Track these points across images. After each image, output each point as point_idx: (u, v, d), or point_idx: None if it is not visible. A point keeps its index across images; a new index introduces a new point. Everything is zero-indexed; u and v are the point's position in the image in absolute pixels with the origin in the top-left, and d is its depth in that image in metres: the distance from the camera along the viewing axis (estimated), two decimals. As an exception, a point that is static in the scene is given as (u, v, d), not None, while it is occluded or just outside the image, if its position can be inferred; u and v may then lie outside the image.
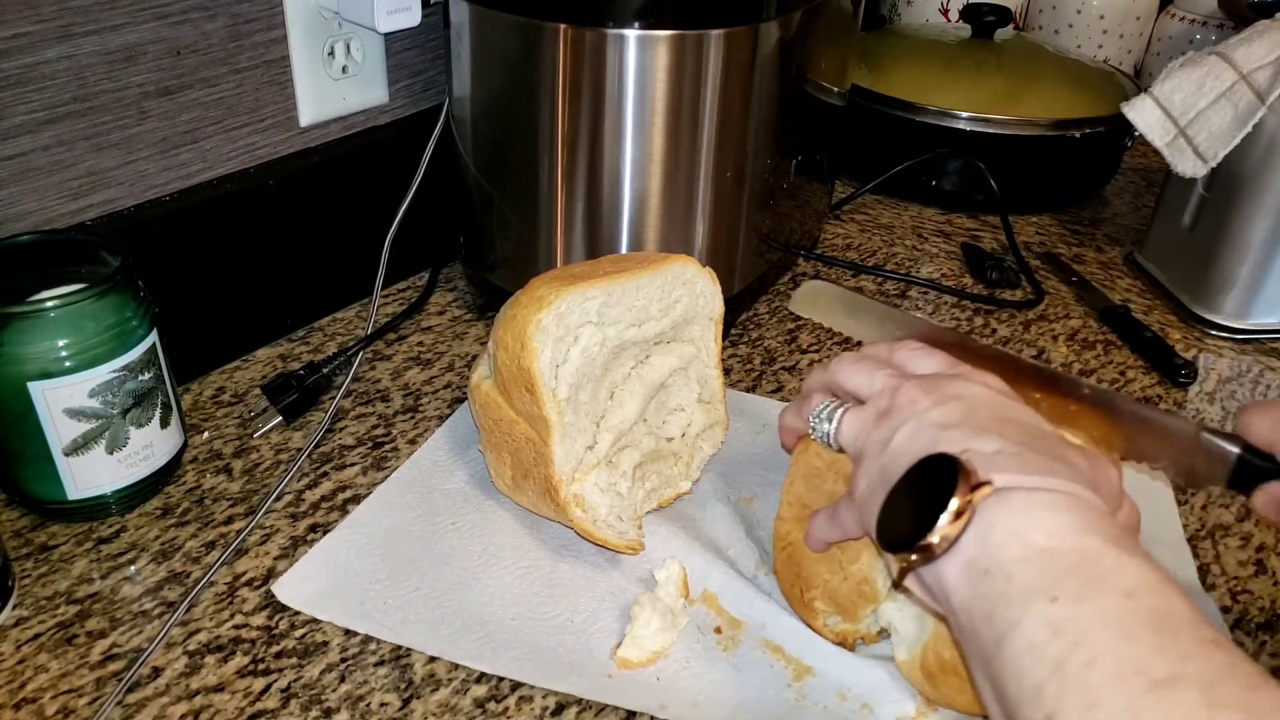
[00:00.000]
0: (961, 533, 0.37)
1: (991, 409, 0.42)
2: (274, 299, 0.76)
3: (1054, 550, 0.36)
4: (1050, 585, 0.35)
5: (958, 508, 0.37)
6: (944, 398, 0.43)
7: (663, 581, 0.55)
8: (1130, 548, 0.36)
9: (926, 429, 0.42)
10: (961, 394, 0.43)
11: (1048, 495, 0.37)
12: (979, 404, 0.43)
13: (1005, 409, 0.43)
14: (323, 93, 0.75)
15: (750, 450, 0.67)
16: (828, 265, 0.91)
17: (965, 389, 0.44)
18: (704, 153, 0.70)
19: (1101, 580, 0.34)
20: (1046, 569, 0.35)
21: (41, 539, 0.58)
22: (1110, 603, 0.34)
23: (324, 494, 0.62)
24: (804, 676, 0.51)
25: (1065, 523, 0.36)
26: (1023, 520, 0.37)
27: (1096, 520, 0.37)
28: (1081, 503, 0.37)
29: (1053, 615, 0.34)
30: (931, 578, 0.39)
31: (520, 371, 0.55)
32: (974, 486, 0.37)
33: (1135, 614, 0.33)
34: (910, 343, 0.49)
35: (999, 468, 0.38)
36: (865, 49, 1.08)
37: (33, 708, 0.48)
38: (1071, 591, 0.34)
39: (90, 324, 0.54)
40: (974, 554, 0.37)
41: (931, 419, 0.42)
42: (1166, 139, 0.84)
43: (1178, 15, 1.22)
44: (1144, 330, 0.82)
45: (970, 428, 0.41)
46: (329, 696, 0.50)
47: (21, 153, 0.60)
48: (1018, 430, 0.41)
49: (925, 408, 0.43)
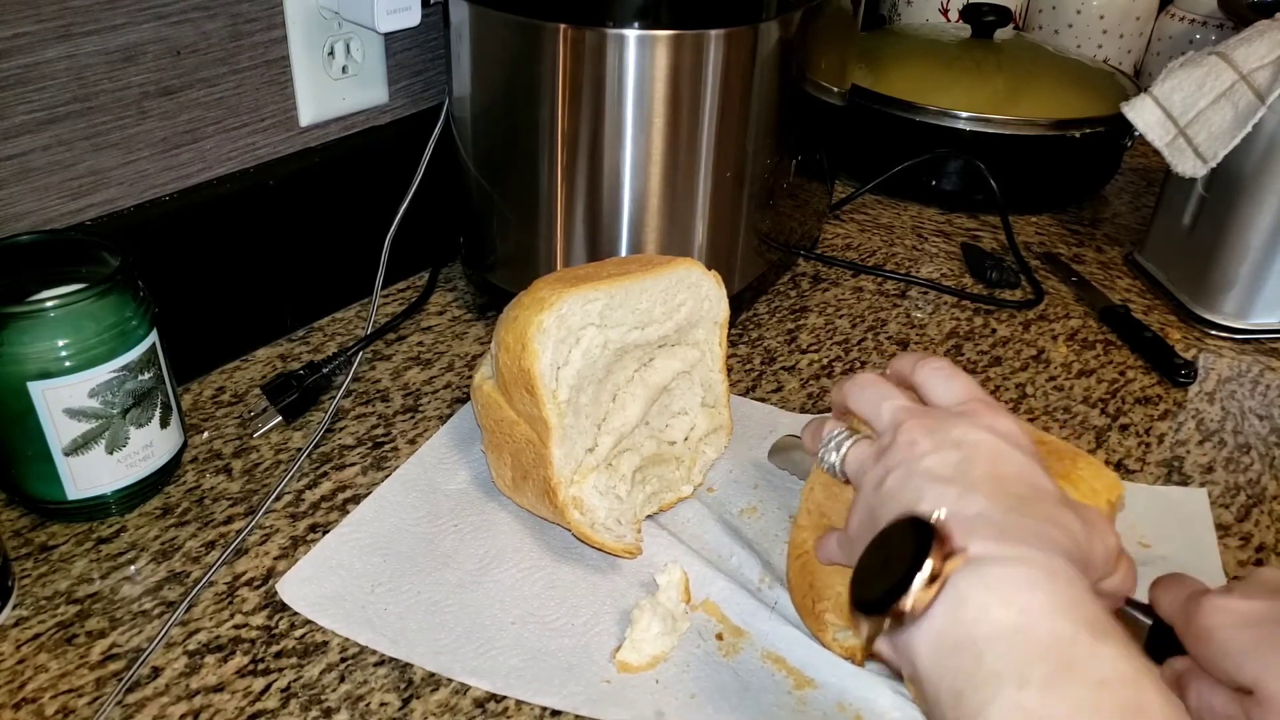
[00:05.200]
0: (933, 601, 0.36)
1: (991, 461, 0.41)
2: (274, 299, 0.76)
3: (1025, 630, 0.35)
4: (1020, 670, 0.34)
5: (930, 574, 0.36)
6: (943, 443, 0.42)
7: (664, 585, 0.54)
8: (1105, 631, 0.35)
9: (916, 478, 0.41)
10: (962, 440, 0.42)
11: (1024, 570, 0.36)
12: (979, 454, 0.41)
13: (1005, 461, 0.42)
14: (323, 93, 0.75)
15: (755, 456, 0.67)
16: (828, 265, 0.91)
17: (968, 434, 0.42)
18: (704, 153, 0.70)
19: (1072, 668, 0.34)
20: (1017, 651, 0.34)
21: (41, 539, 0.58)
22: (1081, 693, 0.33)
23: (324, 494, 0.62)
24: (805, 687, 0.51)
25: (1039, 601, 0.35)
26: (995, 595, 0.35)
27: (1073, 599, 0.36)
28: (1059, 578, 0.36)
29: (1021, 702, 0.33)
30: (900, 642, 0.38)
31: (521, 373, 0.55)
32: (948, 554, 0.36)
33: (1105, 706, 0.33)
34: (935, 360, 0.48)
35: (978, 534, 0.37)
36: (865, 49, 1.08)
37: (33, 708, 0.48)
38: (1041, 678, 0.33)
39: (90, 324, 0.54)
40: (944, 626, 0.36)
41: (924, 467, 0.41)
42: (1166, 139, 0.84)
43: (1178, 15, 1.22)
44: (1144, 330, 0.82)
45: (960, 484, 0.40)
46: (329, 696, 0.50)
47: (21, 153, 0.60)
48: (1012, 488, 0.40)
49: (922, 452, 0.42)
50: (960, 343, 0.82)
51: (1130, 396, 0.76)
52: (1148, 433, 0.72)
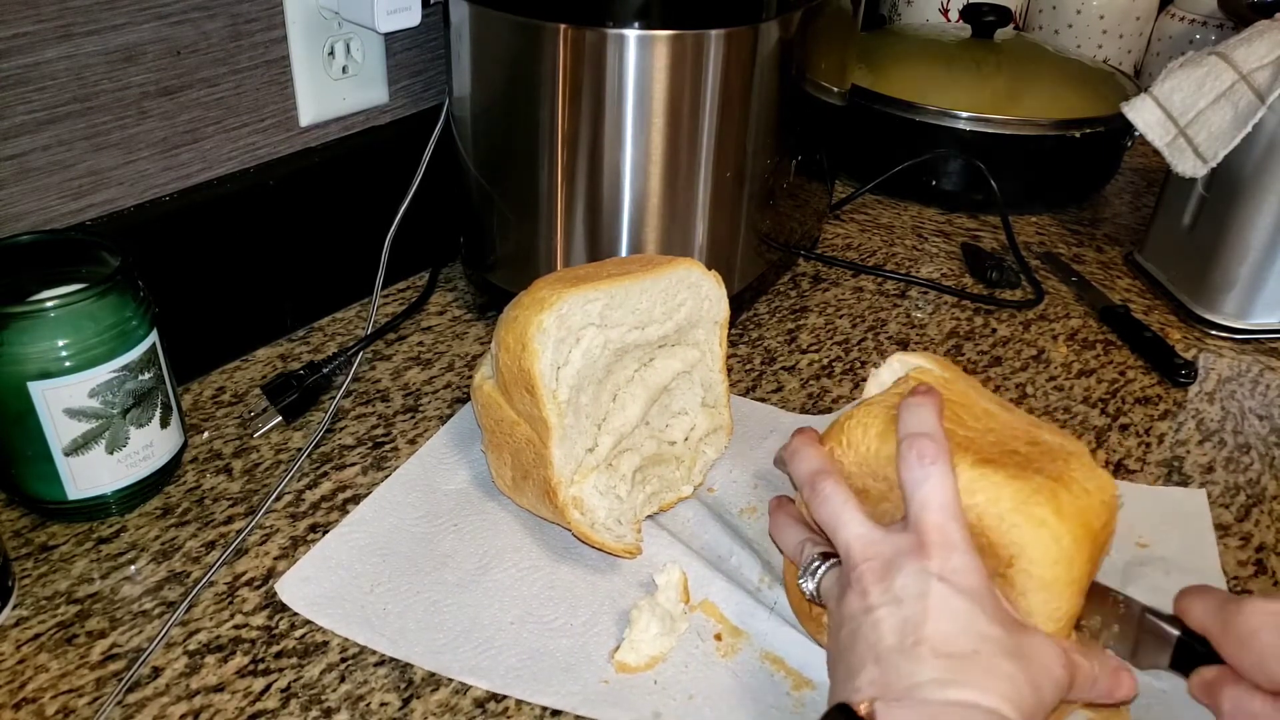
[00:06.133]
0: None
1: (936, 618, 0.42)
2: (274, 299, 0.76)
3: None
4: None
5: None
6: (889, 598, 0.43)
7: (663, 586, 0.54)
8: None
9: (860, 643, 0.43)
10: (906, 595, 0.43)
11: None
12: (923, 613, 0.42)
13: (949, 618, 0.42)
14: (323, 93, 0.75)
15: (755, 456, 0.67)
16: (828, 265, 0.91)
17: (915, 585, 0.43)
18: (704, 153, 0.70)
19: None
20: None
21: (41, 539, 0.58)
22: None
23: (324, 494, 0.62)
24: (803, 688, 0.51)
25: None
26: None
27: None
28: None
29: None
30: None
31: (521, 373, 0.55)
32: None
33: None
34: (822, 479, 0.49)
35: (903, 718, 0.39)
36: (865, 49, 1.08)
37: (33, 708, 0.48)
38: None
39: (90, 324, 0.54)
40: None
41: (868, 631, 0.43)
42: (1166, 139, 0.84)
43: (1178, 15, 1.22)
44: (1144, 330, 0.82)
45: (898, 654, 0.41)
46: (329, 696, 0.50)
47: (21, 153, 0.60)
48: (955, 645, 0.41)
49: (870, 609, 0.43)
50: (960, 343, 0.82)
51: (1130, 396, 0.76)
52: (1148, 433, 0.72)
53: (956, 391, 0.52)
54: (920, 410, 0.47)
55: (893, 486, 0.48)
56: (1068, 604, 0.45)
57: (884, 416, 0.49)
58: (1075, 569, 0.45)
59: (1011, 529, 0.45)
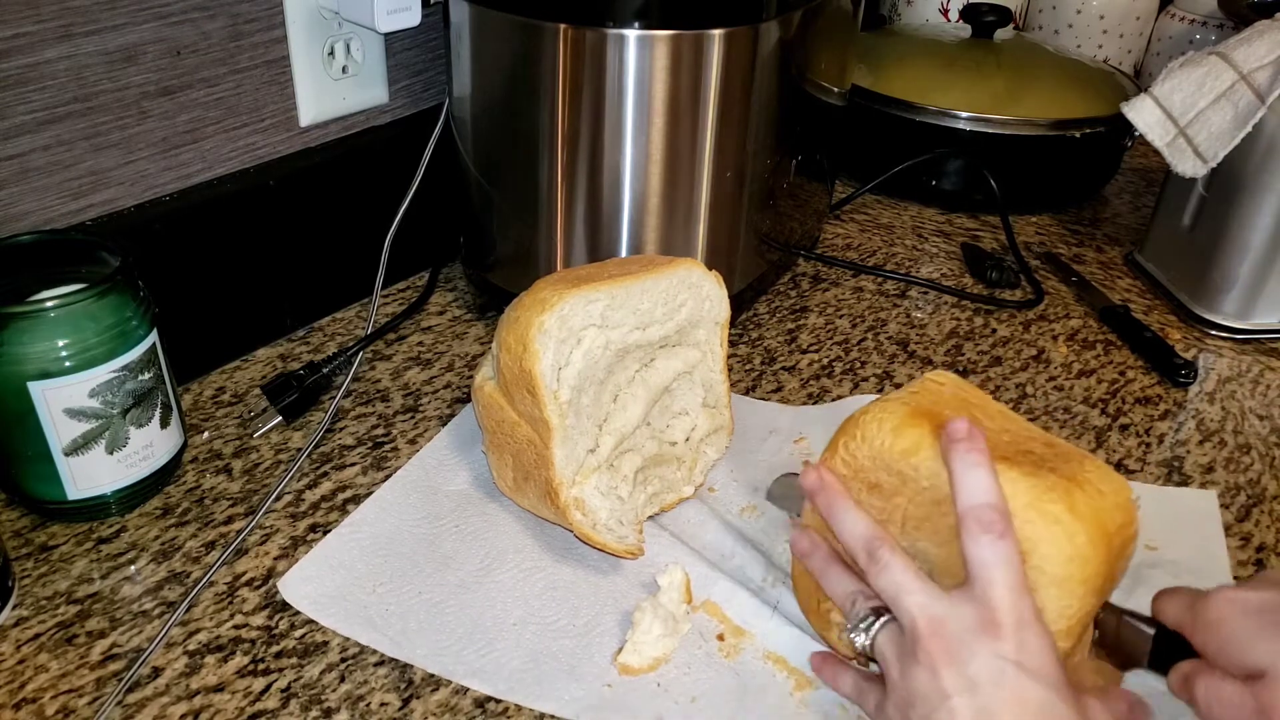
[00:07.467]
0: None
1: (1011, 711, 0.42)
2: (274, 299, 0.76)
3: None
4: None
5: None
6: (962, 685, 0.43)
7: (665, 587, 0.54)
8: None
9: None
10: (980, 682, 0.42)
11: None
12: (998, 704, 0.42)
13: (1024, 708, 0.42)
14: (323, 93, 0.75)
15: (756, 456, 0.67)
16: (828, 265, 0.91)
17: (989, 671, 0.43)
18: (704, 153, 0.70)
19: None
20: None
21: (41, 539, 0.58)
22: None
23: (324, 494, 0.62)
24: (805, 688, 0.51)
25: None
26: None
27: None
28: None
29: None
30: None
31: (522, 373, 0.55)
32: None
33: None
34: (879, 547, 0.47)
35: None
36: (865, 49, 1.08)
37: (33, 708, 0.48)
38: None
39: (90, 324, 0.54)
40: None
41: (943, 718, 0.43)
42: (1166, 139, 0.84)
43: (1178, 15, 1.22)
44: (1144, 330, 0.82)
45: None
46: (329, 696, 0.50)
47: (21, 153, 0.60)
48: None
49: (946, 691, 0.43)
50: (960, 343, 0.82)
51: (1130, 396, 0.76)
52: (1148, 433, 0.72)
53: (974, 394, 0.52)
54: (977, 473, 0.45)
55: (905, 482, 0.48)
56: (1079, 603, 0.45)
57: (900, 412, 0.50)
58: (1089, 568, 0.45)
59: (1025, 525, 0.45)
